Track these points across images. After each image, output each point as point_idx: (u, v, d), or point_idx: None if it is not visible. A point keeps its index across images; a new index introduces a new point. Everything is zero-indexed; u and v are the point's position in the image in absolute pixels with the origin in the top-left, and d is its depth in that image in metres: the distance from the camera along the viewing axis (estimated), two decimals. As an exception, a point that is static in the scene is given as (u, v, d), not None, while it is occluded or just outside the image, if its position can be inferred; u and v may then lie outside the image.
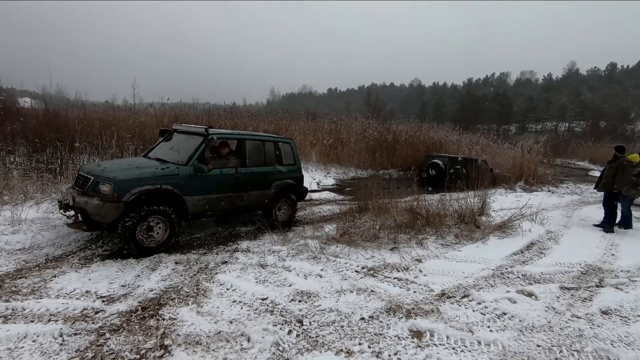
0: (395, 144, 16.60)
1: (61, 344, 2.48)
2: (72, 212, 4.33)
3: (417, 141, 17.06)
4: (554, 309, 3.46)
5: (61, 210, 4.45)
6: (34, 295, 3.12)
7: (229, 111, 16.05)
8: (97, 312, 2.93)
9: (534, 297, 3.69)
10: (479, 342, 2.80)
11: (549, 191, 12.12)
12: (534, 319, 3.21)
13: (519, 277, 4.23)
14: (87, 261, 4.00)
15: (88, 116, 10.71)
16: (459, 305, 3.41)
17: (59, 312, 2.87)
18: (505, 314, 3.29)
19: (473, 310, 3.33)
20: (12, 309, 2.86)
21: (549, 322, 3.19)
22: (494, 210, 7.25)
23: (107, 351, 2.44)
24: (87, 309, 2.96)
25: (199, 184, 4.74)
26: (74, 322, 2.76)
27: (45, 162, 7.73)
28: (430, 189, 10.38)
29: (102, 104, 16.49)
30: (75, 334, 2.61)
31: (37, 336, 2.53)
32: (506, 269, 4.49)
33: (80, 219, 4.27)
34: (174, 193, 4.47)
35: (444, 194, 7.15)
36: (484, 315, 3.26)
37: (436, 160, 12.20)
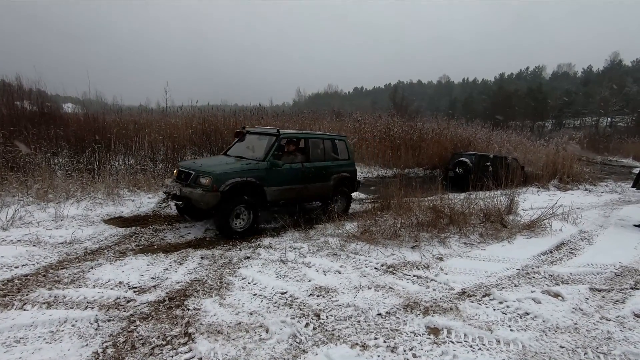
0: (421, 143, 16.33)
1: (96, 329, 2.69)
2: (179, 202, 5.31)
3: (444, 139, 16.69)
4: (582, 310, 3.34)
5: (169, 200, 5.42)
6: (74, 285, 3.39)
7: (255, 112, 16.40)
8: (128, 301, 3.14)
9: (560, 297, 3.56)
10: (498, 341, 2.76)
11: (586, 190, 11.50)
12: (558, 320, 3.11)
13: (545, 278, 4.09)
14: (121, 255, 4.28)
15: (124, 119, 11.32)
16: (479, 304, 3.36)
17: (95, 300, 3.11)
18: (528, 313, 3.21)
19: (494, 309, 3.27)
20: (55, 297, 3.12)
21: (575, 324, 3.08)
22: (523, 210, 7.00)
23: (137, 337, 2.63)
24: (120, 298, 3.18)
25: (274, 177, 5.57)
26: (108, 310, 2.98)
27: (84, 163, 8.28)
28: (455, 187, 10.15)
29: (137, 108, 17.33)
30: (109, 321, 2.82)
31: (76, 321, 2.76)
32: (532, 268, 4.35)
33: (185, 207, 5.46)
34: (257, 184, 5.30)
35: (470, 192, 6.99)
36: (505, 314, 3.19)
37: (463, 159, 11.89)
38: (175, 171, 5.70)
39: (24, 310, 2.88)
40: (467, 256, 4.69)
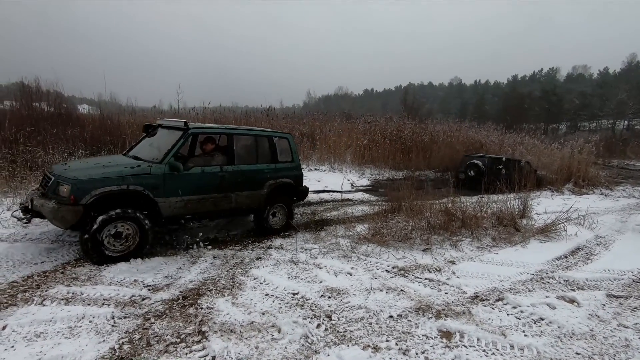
0: (432, 145, 16.24)
1: (113, 326, 2.75)
2: (26, 215, 3.98)
3: (455, 141, 16.56)
4: (598, 316, 3.27)
5: (16, 212, 4.12)
6: (90, 282, 3.47)
7: (265, 113, 16.53)
8: (143, 299, 3.20)
9: (575, 303, 3.50)
10: (512, 346, 2.73)
11: (602, 194, 11.23)
12: (574, 326, 3.06)
13: (560, 283, 4.02)
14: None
15: (137, 120, 11.54)
16: (493, 309, 3.32)
17: (111, 298, 3.17)
18: (542, 319, 3.16)
19: (507, 314, 3.23)
20: (72, 293, 3.20)
21: (592, 330, 3.02)
22: (536, 214, 6.89)
23: (151, 334, 2.68)
24: (135, 296, 3.24)
25: (176, 184, 4.32)
26: (124, 307, 3.04)
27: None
28: (467, 190, 10.03)
29: (150, 109, 17.64)
30: (125, 317, 2.88)
31: (93, 317, 2.82)
32: (547, 273, 4.28)
33: (28, 222, 4.04)
34: (144, 194, 4.07)
35: (482, 195, 6.91)
36: (519, 319, 3.15)
37: (475, 161, 11.77)
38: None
39: (44, 305, 2.96)
40: (479, 260, 4.64)
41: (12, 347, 2.41)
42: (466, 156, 12.82)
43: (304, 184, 6.10)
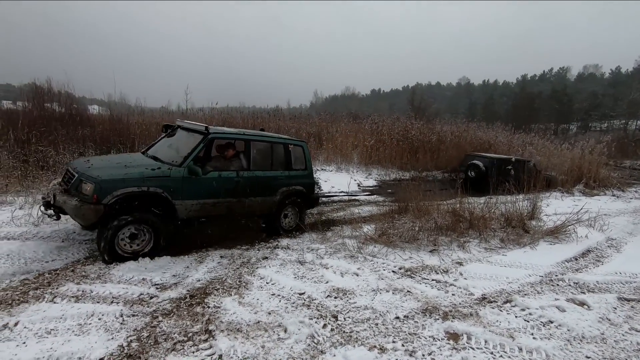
0: (439, 145, 16.11)
1: (121, 323, 2.79)
2: (49, 211, 4.10)
3: (463, 142, 16.41)
4: (609, 320, 3.22)
5: (42, 208, 4.20)
6: (100, 280, 3.51)
7: (272, 114, 16.58)
8: (151, 298, 3.24)
9: (586, 306, 3.45)
10: (520, 349, 2.69)
11: (614, 195, 11.06)
12: (584, 329, 3.01)
13: (570, 285, 3.96)
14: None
15: (146, 121, 11.67)
16: (500, 311, 3.29)
17: (120, 296, 3.21)
18: (551, 322, 3.12)
19: (516, 316, 3.20)
20: (82, 291, 3.24)
21: (602, 334, 2.98)
22: (546, 215, 6.81)
23: (159, 332, 2.70)
24: (143, 294, 3.28)
25: (193, 188, 4.37)
26: (132, 305, 3.07)
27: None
28: (468, 191, 9.93)
29: (159, 110, 17.80)
30: (133, 315, 2.91)
31: (102, 315, 2.86)
32: (556, 276, 4.23)
33: (57, 218, 4.13)
34: (163, 196, 4.12)
35: (490, 196, 6.85)
36: (528, 322, 3.11)
37: (476, 161, 11.59)
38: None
39: (54, 303, 3.01)
40: (487, 261, 4.60)
41: (24, 343, 2.45)
42: (467, 155, 12.66)
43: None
